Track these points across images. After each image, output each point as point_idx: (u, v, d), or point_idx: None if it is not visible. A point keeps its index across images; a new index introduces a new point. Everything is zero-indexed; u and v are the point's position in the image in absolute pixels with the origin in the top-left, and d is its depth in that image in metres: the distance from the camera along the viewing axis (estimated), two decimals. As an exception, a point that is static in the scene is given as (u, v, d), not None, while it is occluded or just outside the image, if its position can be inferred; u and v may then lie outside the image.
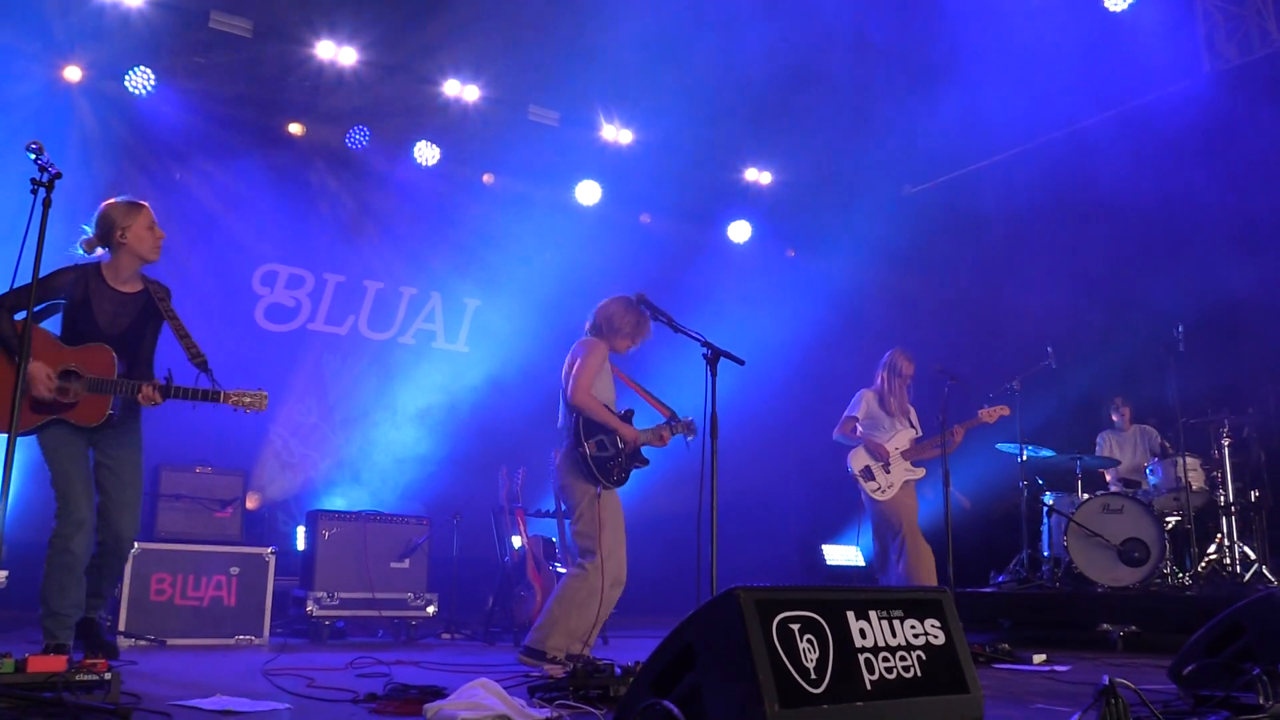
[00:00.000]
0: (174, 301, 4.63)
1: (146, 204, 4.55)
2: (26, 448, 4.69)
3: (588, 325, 5.19)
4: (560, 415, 5.07)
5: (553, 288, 9.43)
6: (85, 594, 4.45)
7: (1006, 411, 6.62)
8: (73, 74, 7.46)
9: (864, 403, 6.73)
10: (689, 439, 5.15)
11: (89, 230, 4.46)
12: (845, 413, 6.77)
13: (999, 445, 7.85)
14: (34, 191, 3.62)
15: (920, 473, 6.61)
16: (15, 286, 4.15)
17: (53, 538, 4.32)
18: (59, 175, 3.68)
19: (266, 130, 8.36)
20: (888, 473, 6.53)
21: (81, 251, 4.45)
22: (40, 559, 4.45)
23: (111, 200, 4.51)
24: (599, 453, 4.85)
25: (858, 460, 6.61)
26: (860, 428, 6.65)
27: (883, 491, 6.51)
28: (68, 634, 4.32)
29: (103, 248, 4.44)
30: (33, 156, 3.66)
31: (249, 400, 4.47)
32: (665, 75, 8.05)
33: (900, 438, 6.62)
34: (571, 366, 5.01)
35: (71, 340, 4.35)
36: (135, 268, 4.50)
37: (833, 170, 9.69)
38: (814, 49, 8.01)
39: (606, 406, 4.99)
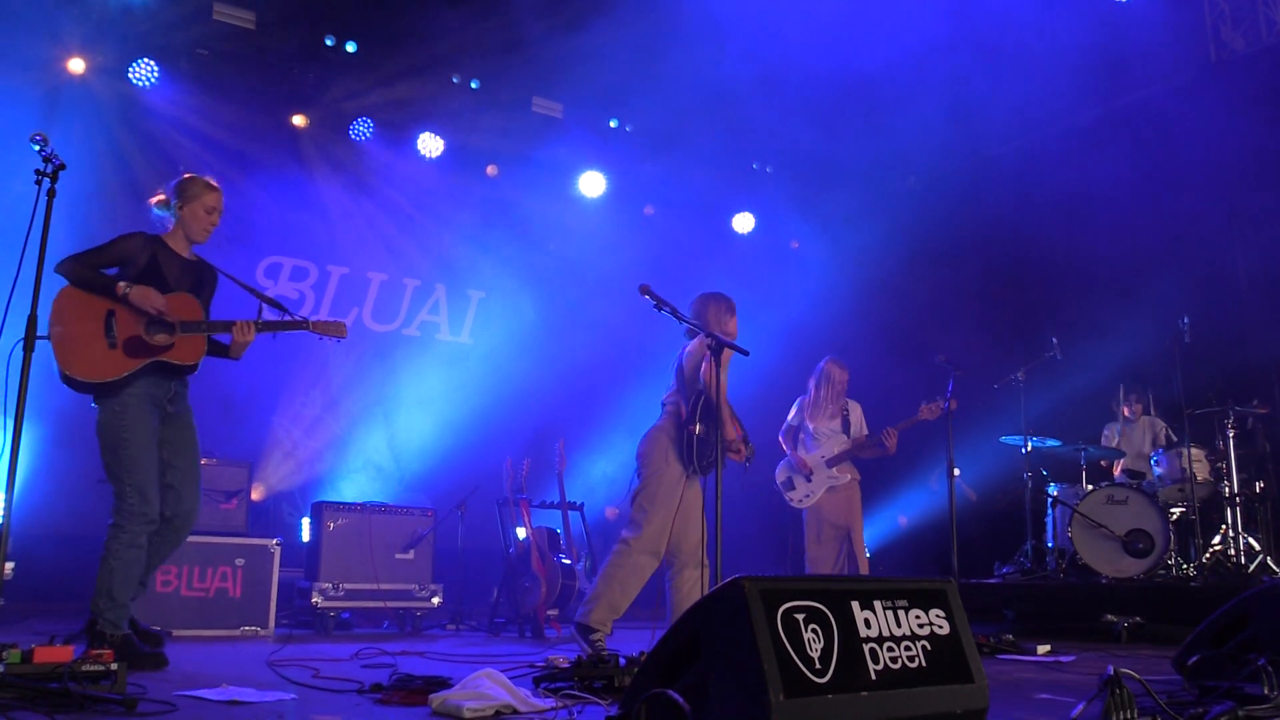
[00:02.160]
0: None
1: (219, 189, 4.57)
2: (34, 437, 4.68)
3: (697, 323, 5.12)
4: (673, 389, 5.17)
5: (557, 279, 9.44)
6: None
7: (952, 405, 6.61)
8: (76, 66, 7.46)
9: (798, 410, 7.02)
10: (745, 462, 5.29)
11: (165, 191, 4.49)
12: (786, 419, 7.05)
13: (1003, 437, 7.84)
14: (38, 183, 3.64)
15: (846, 478, 6.76)
16: (82, 251, 4.21)
17: (119, 532, 4.22)
18: (63, 166, 3.70)
19: (270, 122, 8.35)
20: (809, 481, 6.80)
21: (152, 209, 4.48)
22: (44, 551, 4.45)
23: (192, 174, 4.54)
24: (703, 438, 4.97)
25: (781, 473, 6.96)
26: (800, 434, 6.95)
27: (799, 501, 6.84)
28: (125, 623, 4.27)
29: (165, 211, 4.47)
30: (37, 148, 3.67)
31: (331, 328, 4.62)
32: (669, 66, 8.03)
33: (829, 445, 6.83)
34: (698, 354, 5.05)
35: None
36: (186, 242, 4.52)
37: (837, 162, 9.67)
38: (818, 40, 7.99)
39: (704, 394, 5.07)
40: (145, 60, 7.62)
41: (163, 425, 4.42)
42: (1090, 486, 7.35)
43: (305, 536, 7.08)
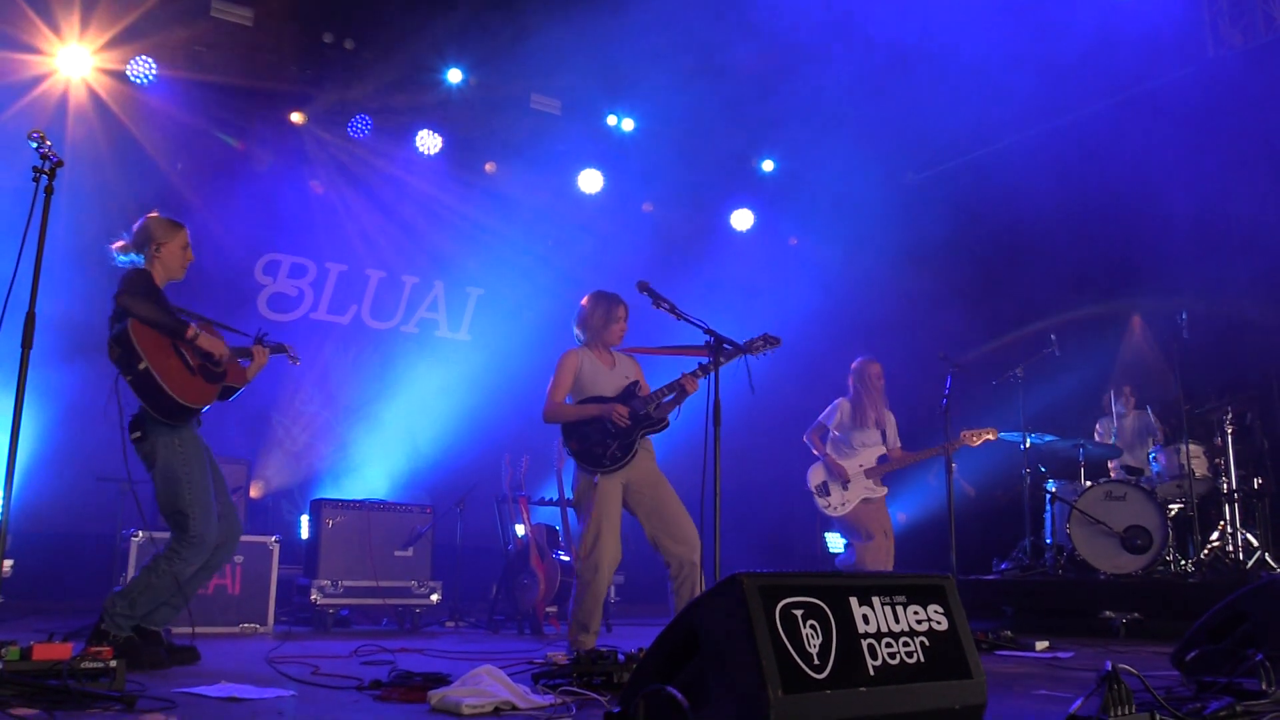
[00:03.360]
0: (178, 292, 4.65)
1: (185, 227, 4.58)
2: (33, 435, 4.68)
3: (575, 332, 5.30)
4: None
5: (555, 276, 9.42)
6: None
7: (993, 436, 6.54)
8: (74, 62, 7.45)
9: (839, 412, 6.74)
10: (762, 348, 5.05)
11: (125, 236, 4.48)
12: (819, 418, 6.80)
13: (1002, 434, 7.84)
14: (36, 180, 3.63)
15: (882, 491, 6.59)
16: (130, 283, 4.22)
17: (173, 556, 4.22)
18: (60, 163, 3.69)
19: (268, 119, 8.35)
20: (845, 490, 6.56)
21: (115, 254, 4.45)
22: (43, 548, 4.44)
23: (155, 214, 4.54)
24: (581, 445, 4.98)
25: (815, 476, 6.69)
26: (833, 435, 6.70)
27: (834, 509, 6.58)
28: (130, 629, 4.24)
29: (136, 254, 4.44)
30: (35, 145, 3.66)
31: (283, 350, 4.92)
32: (667, 62, 8.02)
33: (868, 454, 6.62)
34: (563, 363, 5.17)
35: None
36: (163, 283, 4.50)
37: (836, 157, 9.67)
38: (817, 35, 7.98)
39: (599, 398, 5.06)
40: (143, 57, 7.61)
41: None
42: (1089, 483, 7.35)
43: (304, 534, 7.09)
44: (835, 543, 9.90)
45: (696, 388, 5.01)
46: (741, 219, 10.47)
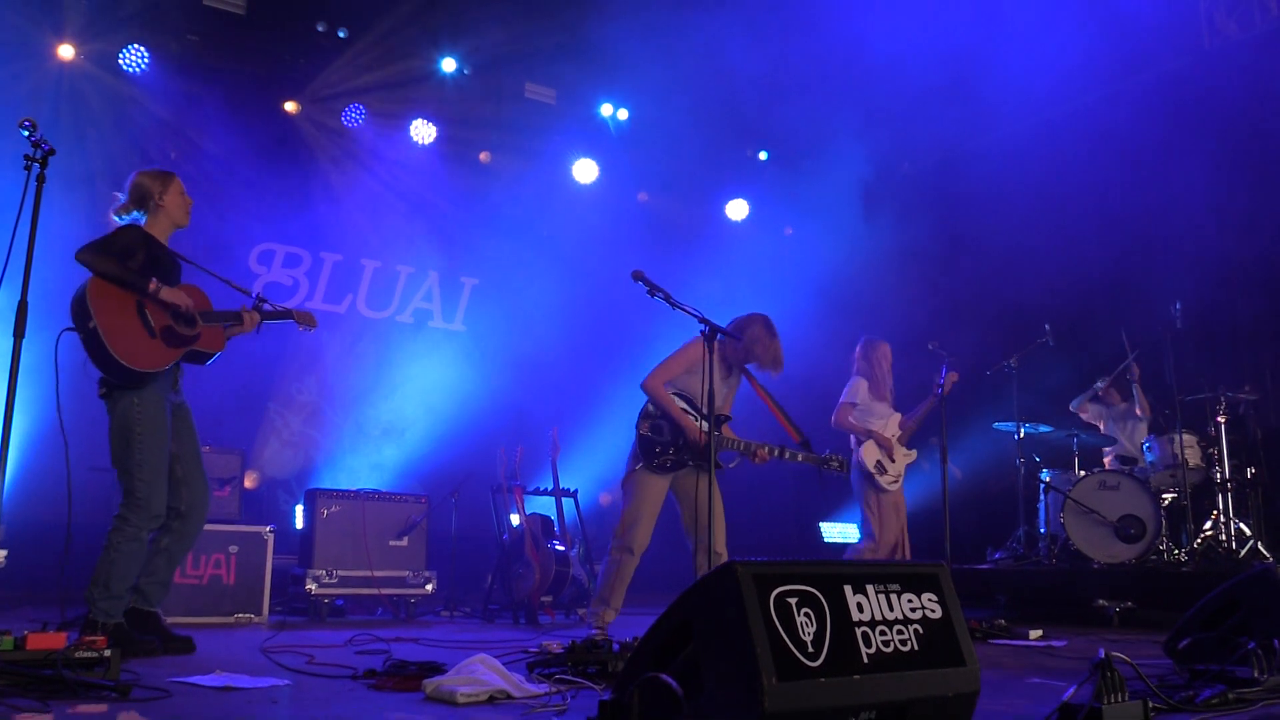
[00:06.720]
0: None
1: (175, 173, 4.62)
2: (27, 423, 4.68)
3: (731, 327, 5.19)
4: None
5: (550, 266, 9.42)
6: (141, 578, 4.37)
7: (955, 377, 6.60)
8: (66, 52, 7.41)
9: (859, 390, 6.77)
10: (835, 469, 5.23)
11: (121, 197, 4.50)
12: (841, 399, 6.79)
13: (996, 423, 7.86)
14: (27, 168, 3.62)
15: (913, 454, 6.76)
16: (95, 241, 4.22)
17: (123, 524, 4.23)
18: (52, 152, 3.68)
19: (262, 108, 8.31)
20: (893, 461, 6.62)
21: (115, 217, 4.47)
22: (39, 539, 4.44)
23: (143, 170, 4.57)
24: (649, 434, 5.09)
25: (870, 454, 6.61)
26: (854, 417, 6.72)
27: (893, 482, 6.61)
28: (120, 614, 4.25)
29: (138, 212, 4.47)
30: (26, 133, 3.65)
31: (306, 318, 5.02)
32: (663, 53, 8.01)
33: (892, 424, 6.73)
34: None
35: None
36: (170, 231, 4.57)
37: (831, 148, 9.66)
38: (811, 27, 7.97)
39: (685, 396, 5.12)
40: (136, 46, 7.58)
41: (170, 417, 4.44)
42: (1082, 472, 7.36)
43: (299, 523, 7.08)
44: (829, 532, 9.92)
45: (765, 460, 5.17)
46: (736, 209, 10.46)
